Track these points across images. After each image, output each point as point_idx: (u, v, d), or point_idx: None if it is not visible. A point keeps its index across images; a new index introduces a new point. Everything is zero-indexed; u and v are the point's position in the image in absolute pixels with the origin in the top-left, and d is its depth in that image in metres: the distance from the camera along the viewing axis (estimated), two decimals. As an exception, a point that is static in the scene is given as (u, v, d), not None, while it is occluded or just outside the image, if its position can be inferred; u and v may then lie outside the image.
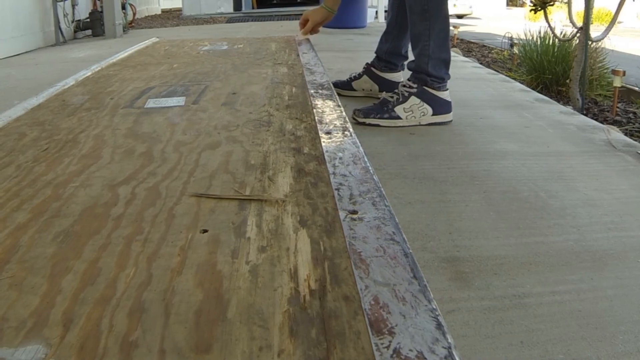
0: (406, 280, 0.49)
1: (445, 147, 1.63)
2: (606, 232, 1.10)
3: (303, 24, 2.23)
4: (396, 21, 2.07)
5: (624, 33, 5.72)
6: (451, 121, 1.86)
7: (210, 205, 0.66)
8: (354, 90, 2.23)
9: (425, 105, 1.81)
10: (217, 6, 8.19)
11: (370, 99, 2.09)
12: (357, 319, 0.44)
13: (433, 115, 1.83)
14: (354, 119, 1.80)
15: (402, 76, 2.13)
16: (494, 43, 4.98)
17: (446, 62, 1.83)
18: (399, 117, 1.80)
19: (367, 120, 1.79)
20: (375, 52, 2.19)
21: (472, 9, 13.43)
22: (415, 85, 1.83)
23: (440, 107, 1.84)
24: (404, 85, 1.85)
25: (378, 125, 1.78)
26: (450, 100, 1.87)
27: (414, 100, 1.81)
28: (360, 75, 2.22)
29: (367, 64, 2.20)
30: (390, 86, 2.08)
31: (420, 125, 1.82)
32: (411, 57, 1.90)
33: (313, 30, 2.25)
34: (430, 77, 1.80)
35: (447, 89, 1.86)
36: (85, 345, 0.42)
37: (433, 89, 1.82)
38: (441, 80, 1.83)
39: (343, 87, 2.23)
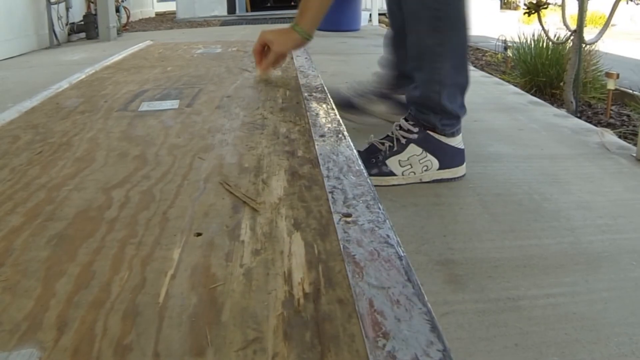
0: (400, 283, 0.49)
1: (439, 149, 1.63)
2: (600, 235, 1.11)
3: (260, 53, 1.38)
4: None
5: (618, 36, 5.74)
6: (464, 175, 1.40)
7: (204, 208, 0.66)
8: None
9: (430, 157, 1.34)
10: (211, 9, 8.20)
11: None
12: (351, 322, 0.44)
13: (440, 169, 1.36)
14: None
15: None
16: (487, 46, 4.99)
17: (462, 89, 1.34)
18: (392, 174, 1.34)
19: None
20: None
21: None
22: (416, 130, 1.34)
23: (450, 158, 1.36)
24: (401, 128, 1.37)
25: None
26: (462, 147, 1.39)
27: (413, 149, 1.33)
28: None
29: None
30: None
31: (422, 182, 1.37)
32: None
33: (275, 63, 1.41)
34: (441, 117, 1.32)
35: (459, 133, 1.37)
36: (79, 349, 0.42)
37: (443, 134, 1.34)
38: (454, 121, 1.34)
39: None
